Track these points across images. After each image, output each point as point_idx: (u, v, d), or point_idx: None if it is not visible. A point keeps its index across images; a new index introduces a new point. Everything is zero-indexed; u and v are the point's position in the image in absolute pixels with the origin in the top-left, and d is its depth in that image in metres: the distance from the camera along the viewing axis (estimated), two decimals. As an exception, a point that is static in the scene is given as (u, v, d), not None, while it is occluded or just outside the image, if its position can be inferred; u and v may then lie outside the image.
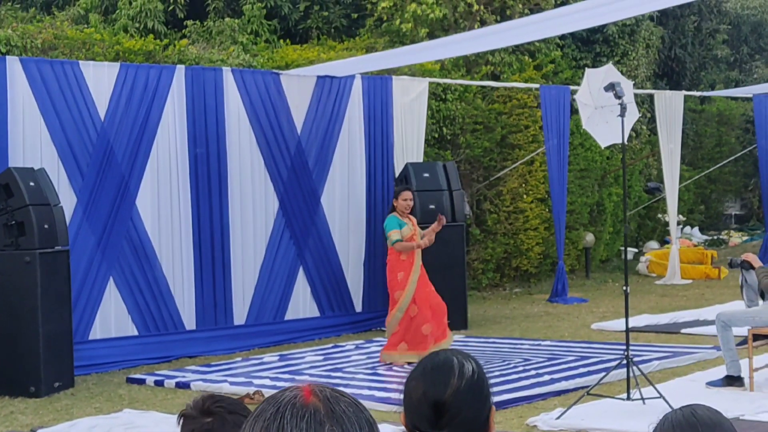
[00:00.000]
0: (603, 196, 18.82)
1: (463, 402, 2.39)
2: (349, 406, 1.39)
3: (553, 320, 13.70)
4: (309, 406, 1.37)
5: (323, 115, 12.95)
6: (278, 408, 1.38)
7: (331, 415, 1.37)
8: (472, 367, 2.43)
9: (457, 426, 2.37)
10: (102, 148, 11.07)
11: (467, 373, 2.40)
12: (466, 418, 2.39)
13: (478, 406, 2.41)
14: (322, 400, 1.39)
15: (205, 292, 11.84)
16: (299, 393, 1.39)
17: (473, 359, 2.49)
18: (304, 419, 1.35)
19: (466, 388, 2.39)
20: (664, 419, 2.47)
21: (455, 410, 2.38)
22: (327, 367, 10.53)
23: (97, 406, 9.01)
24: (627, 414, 7.71)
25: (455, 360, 2.44)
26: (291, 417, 1.36)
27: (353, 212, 13.23)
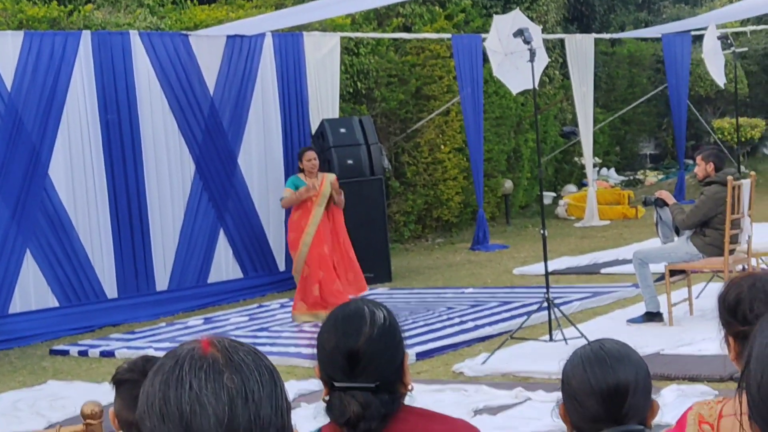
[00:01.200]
0: (519, 143, 18.95)
1: (376, 350, 2.40)
2: (247, 354, 1.40)
3: (476, 268, 13.82)
4: (207, 357, 1.37)
5: (235, 75, 12.84)
6: (177, 360, 1.38)
7: (230, 363, 1.37)
8: (383, 314, 2.44)
9: (372, 373, 2.38)
10: (10, 118, 10.86)
11: (378, 321, 2.41)
12: (380, 365, 2.40)
13: (391, 352, 2.42)
14: (221, 350, 1.39)
15: (125, 259, 11.73)
16: (197, 345, 1.40)
17: (384, 307, 2.50)
18: (202, 369, 1.36)
19: (378, 335, 2.40)
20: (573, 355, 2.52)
21: (369, 358, 2.39)
22: (252, 327, 10.53)
23: (20, 379, 8.92)
24: (550, 355, 7.77)
25: (366, 309, 2.45)
26: (190, 368, 1.36)
27: (271, 172, 13.17)
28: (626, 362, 2.45)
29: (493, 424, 6.39)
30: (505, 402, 6.89)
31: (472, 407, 6.78)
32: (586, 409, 2.41)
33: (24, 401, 7.92)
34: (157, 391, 1.36)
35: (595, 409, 2.40)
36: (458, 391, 7.23)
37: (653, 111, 23.80)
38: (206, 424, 1.31)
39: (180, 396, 1.33)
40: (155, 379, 1.37)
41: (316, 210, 10.41)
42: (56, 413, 7.47)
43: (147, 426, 1.35)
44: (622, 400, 2.39)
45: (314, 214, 10.40)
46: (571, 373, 2.48)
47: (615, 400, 2.39)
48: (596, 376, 2.41)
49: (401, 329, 2.49)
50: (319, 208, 10.41)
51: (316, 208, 10.41)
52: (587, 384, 2.41)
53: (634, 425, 2.38)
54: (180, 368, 1.36)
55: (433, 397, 7.03)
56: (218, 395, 1.33)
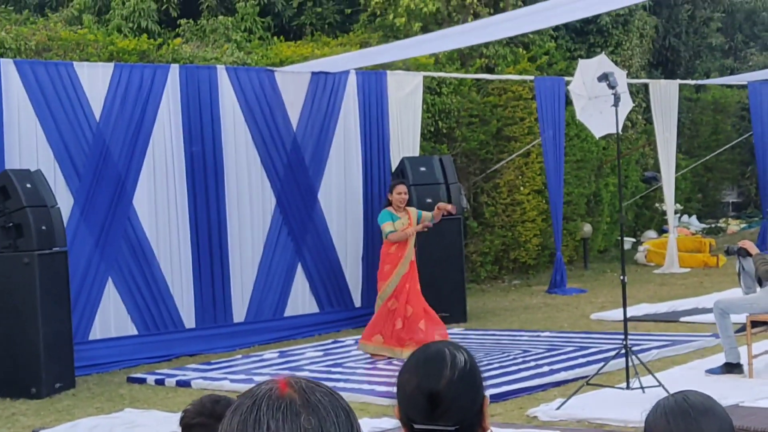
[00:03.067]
0: (600, 187, 18.83)
1: (457, 392, 2.40)
2: (324, 396, 1.41)
3: (552, 311, 13.73)
4: (285, 398, 1.39)
5: (318, 112, 12.96)
6: (255, 401, 1.39)
7: (307, 404, 1.38)
8: (464, 357, 2.44)
9: (452, 416, 2.39)
10: (98, 148, 11.08)
11: (459, 364, 2.42)
12: (461, 408, 2.40)
13: (471, 396, 2.42)
14: (298, 390, 1.40)
15: (203, 290, 11.86)
16: (275, 385, 1.41)
17: (465, 350, 2.50)
18: (280, 410, 1.37)
19: (459, 378, 2.40)
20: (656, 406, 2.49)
21: (449, 401, 2.40)
22: (327, 362, 10.55)
23: (98, 406, 9.03)
24: (626, 403, 7.72)
25: (447, 351, 2.46)
26: (267, 409, 1.38)
27: (350, 208, 13.25)
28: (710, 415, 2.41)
29: (566, 470, 6.32)
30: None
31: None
32: None
33: (100, 428, 8.02)
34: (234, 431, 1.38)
35: None
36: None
37: (737, 159, 23.53)
38: None
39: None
40: (233, 419, 1.39)
41: (411, 242, 10.50)
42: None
43: None
44: None
45: (409, 248, 10.49)
46: (653, 425, 2.45)
47: None
48: (679, 429, 2.38)
49: (481, 372, 2.49)
50: (412, 239, 10.51)
51: (412, 240, 10.50)
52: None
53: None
54: (258, 409, 1.38)
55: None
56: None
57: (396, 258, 10.51)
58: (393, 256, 10.55)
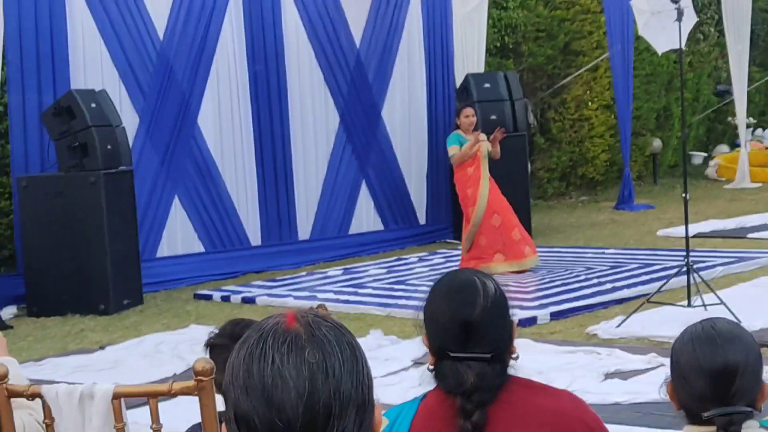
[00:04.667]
0: (670, 101, 18.54)
1: (490, 320, 2.41)
2: (330, 330, 1.42)
3: (619, 228, 13.64)
4: (290, 331, 1.41)
5: (382, 28, 12.87)
6: (261, 334, 1.41)
7: (312, 338, 1.40)
8: (494, 284, 2.45)
9: (486, 344, 2.39)
10: (162, 67, 11.14)
11: (491, 291, 2.42)
12: (494, 335, 2.41)
13: (502, 323, 2.43)
14: (304, 325, 1.42)
15: (269, 208, 11.97)
16: (282, 319, 1.43)
17: (491, 277, 2.50)
18: (285, 343, 1.39)
19: (492, 305, 2.41)
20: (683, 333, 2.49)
21: (483, 329, 2.40)
22: (390, 279, 10.61)
23: (164, 322, 9.20)
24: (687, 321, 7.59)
25: (477, 279, 2.46)
26: (273, 342, 1.39)
27: (414, 125, 13.21)
28: (737, 343, 2.40)
29: (623, 388, 6.31)
30: (637, 367, 6.79)
31: (603, 371, 6.71)
32: (693, 388, 2.38)
33: (166, 344, 8.17)
34: (241, 363, 1.40)
35: (703, 388, 2.36)
36: (590, 354, 7.16)
37: (813, 70, 22.94)
38: (287, 397, 1.35)
39: (263, 369, 1.37)
40: (240, 351, 1.41)
41: (484, 164, 10.44)
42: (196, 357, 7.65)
43: (231, 397, 1.40)
44: (730, 380, 2.35)
45: (485, 167, 10.44)
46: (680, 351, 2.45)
47: (723, 381, 2.35)
48: (705, 356, 2.38)
49: (508, 300, 2.49)
50: (485, 160, 10.45)
51: (483, 161, 10.44)
52: (696, 363, 2.38)
53: (741, 407, 2.34)
54: (264, 342, 1.40)
55: (565, 359, 7.00)
56: (299, 370, 1.36)
57: (476, 179, 10.43)
58: (473, 178, 10.46)
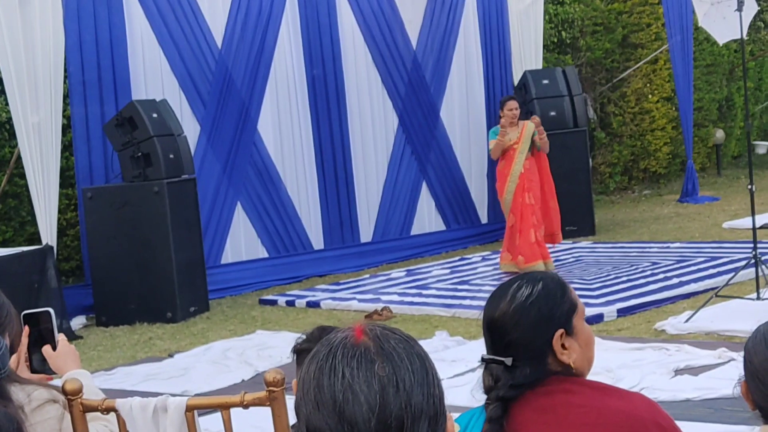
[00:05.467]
0: (732, 91, 18.31)
1: (511, 325, 2.40)
2: (399, 343, 1.42)
3: (684, 221, 13.49)
4: (360, 345, 1.41)
5: (438, 28, 12.87)
6: (330, 348, 1.42)
7: (382, 352, 1.40)
8: (531, 290, 2.41)
9: (511, 349, 2.39)
10: (221, 75, 11.22)
11: (520, 297, 2.40)
12: (519, 340, 2.39)
13: (531, 328, 2.40)
14: (373, 338, 1.42)
15: (330, 211, 12.01)
16: (351, 333, 1.43)
17: (545, 282, 2.45)
18: (354, 357, 1.39)
19: (515, 311, 2.39)
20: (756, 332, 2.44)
21: (501, 332, 2.41)
22: (453, 280, 10.59)
23: (231, 328, 9.26)
24: (756, 314, 7.52)
25: (516, 283, 2.45)
26: (342, 356, 1.40)
27: (473, 124, 13.18)
28: None
29: (694, 384, 6.24)
30: (707, 362, 6.72)
31: (672, 367, 6.64)
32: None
33: (233, 350, 8.22)
34: (311, 378, 1.40)
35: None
36: (659, 350, 7.09)
37: None
38: (359, 411, 1.35)
39: (333, 384, 1.37)
40: (310, 367, 1.42)
41: (518, 158, 10.38)
42: (263, 362, 7.73)
43: (303, 412, 1.40)
44: None
45: (516, 161, 10.39)
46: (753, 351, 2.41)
47: None
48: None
49: (560, 305, 2.45)
50: (520, 155, 10.38)
51: (518, 155, 10.39)
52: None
53: (821, 410, 2.30)
54: (333, 357, 1.40)
55: (633, 356, 6.94)
56: (370, 384, 1.36)
57: (503, 175, 10.45)
58: (501, 174, 10.51)
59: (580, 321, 2.47)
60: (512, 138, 10.36)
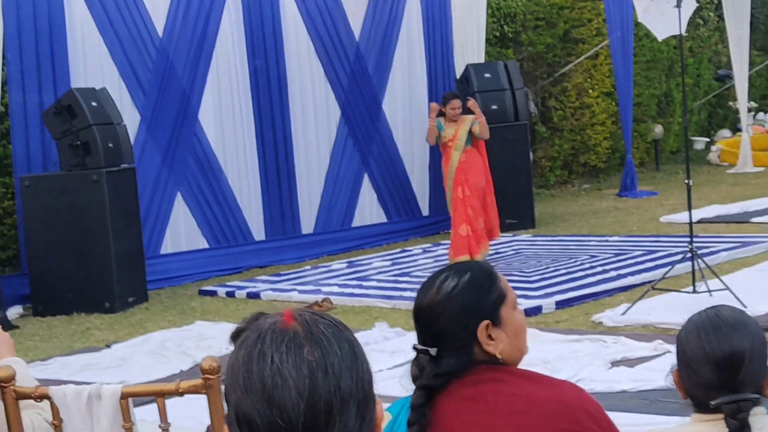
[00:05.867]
0: (671, 87, 18.53)
1: (436, 315, 2.42)
2: (328, 328, 1.42)
3: (622, 215, 13.64)
4: (289, 330, 1.41)
5: (381, 20, 12.87)
6: (259, 334, 1.42)
7: (310, 337, 1.40)
8: (456, 282, 2.42)
9: (437, 339, 2.41)
10: (162, 64, 11.14)
11: (446, 289, 2.42)
12: (442, 331, 2.41)
13: (454, 320, 2.41)
14: (301, 323, 1.42)
15: (271, 202, 11.98)
16: (279, 319, 1.43)
17: (474, 274, 2.45)
18: (284, 343, 1.39)
19: (439, 301, 2.41)
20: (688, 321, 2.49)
21: (428, 322, 2.43)
22: (394, 271, 10.62)
23: (170, 319, 9.21)
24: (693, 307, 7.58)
25: (444, 274, 2.47)
26: (271, 342, 1.40)
27: (415, 117, 13.21)
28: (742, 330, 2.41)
29: (629, 376, 6.32)
30: (643, 354, 6.80)
31: (609, 358, 6.71)
32: (700, 376, 2.38)
33: (172, 341, 8.18)
34: (240, 364, 1.40)
35: (710, 377, 2.37)
36: (596, 342, 7.16)
37: (814, 53, 22.90)
38: (287, 396, 1.35)
39: (262, 369, 1.37)
40: (239, 352, 1.42)
41: (454, 155, 10.45)
42: (202, 353, 7.68)
43: (232, 398, 1.40)
44: (737, 368, 2.35)
45: (452, 158, 10.45)
46: (686, 340, 2.45)
47: (730, 369, 2.35)
48: (711, 344, 2.38)
49: (486, 296, 2.46)
50: (456, 152, 10.44)
51: (454, 153, 10.45)
52: (702, 351, 2.38)
53: (748, 394, 2.34)
54: (262, 342, 1.40)
55: (571, 347, 7.01)
56: (299, 368, 1.36)
57: (444, 172, 10.56)
58: (443, 170, 10.63)
59: (509, 311, 2.47)
60: (448, 135, 10.43)
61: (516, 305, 2.52)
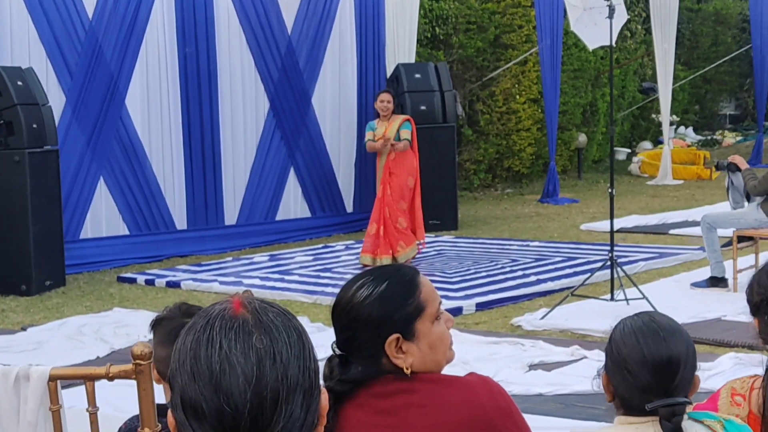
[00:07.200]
0: (596, 97, 18.76)
1: (346, 322, 2.39)
2: (277, 316, 1.43)
3: (543, 221, 13.78)
4: (238, 317, 1.41)
5: (314, 15, 12.84)
6: (208, 320, 1.41)
7: (259, 324, 1.40)
8: (371, 291, 2.37)
9: (348, 344, 2.39)
10: (90, 47, 11.00)
11: (359, 297, 2.37)
12: (351, 338, 2.38)
13: (362, 330, 2.37)
14: (251, 311, 1.42)
15: (195, 191, 11.89)
16: (229, 305, 1.43)
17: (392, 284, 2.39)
18: (232, 329, 1.39)
19: (350, 309, 2.37)
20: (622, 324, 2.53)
21: (339, 325, 2.40)
22: (316, 267, 10.62)
23: (87, 304, 9.11)
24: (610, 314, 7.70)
25: (362, 281, 2.41)
26: (220, 328, 1.40)
27: (344, 113, 13.21)
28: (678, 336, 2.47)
29: (546, 380, 6.40)
30: (560, 359, 6.89)
31: (527, 362, 6.79)
32: (637, 379, 2.43)
33: (89, 326, 8.09)
34: (188, 349, 1.40)
35: (647, 379, 2.41)
36: (515, 345, 7.24)
37: (736, 71, 23.39)
38: (235, 383, 1.35)
39: (210, 355, 1.37)
40: (187, 338, 1.41)
41: (383, 156, 10.48)
42: (119, 340, 7.63)
43: (178, 383, 1.40)
44: (674, 372, 2.41)
45: (381, 162, 10.50)
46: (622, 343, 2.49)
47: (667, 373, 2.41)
48: (649, 348, 2.43)
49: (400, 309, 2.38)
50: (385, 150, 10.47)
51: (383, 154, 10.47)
52: (640, 354, 2.43)
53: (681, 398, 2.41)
54: (211, 328, 1.40)
55: (489, 349, 7.07)
56: (247, 355, 1.37)
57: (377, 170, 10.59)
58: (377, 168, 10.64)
59: (425, 324, 2.40)
60: (379, 133, 10.47)
61: (438, 317, 2.44)
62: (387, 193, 10.42)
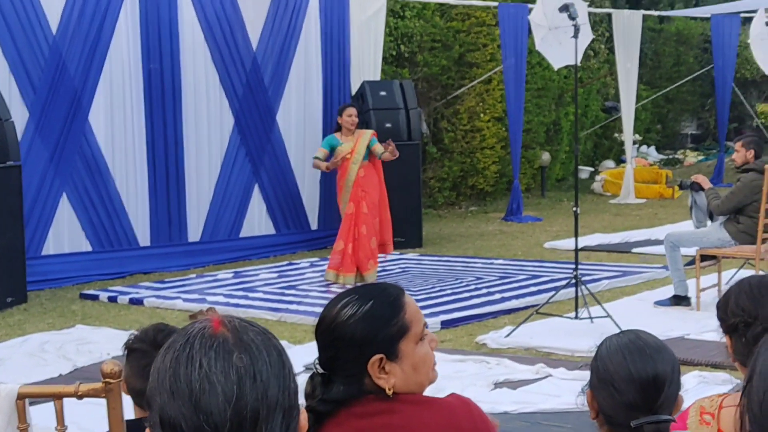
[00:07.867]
0: (560, 116, 18.87)
1: (330, 341, 2.37)
2: (257, 335, 1.42)
3: (508, 239, 13.82)
4: (218, 336, 1.40)
5: (279, 32, 12.83)
6: (188, 339, 1.40)
7: (240, 343, 1.40)
8: (355, 311, 2.35)
9: (331, 363, 2.37)
10: (54, 62, 10.92)
11: (342, 316, 2.35)
12: (334, 357, 2.36)
13: (345, 349, 2.35)
14: (231, 329, 1.41)
15: (159, 208, 11.83)
16: (208, 324, 1.42)
17: (376, 304, 2.38)
18: (212, 348, 1.38)
19: (334, 328, 2.36)
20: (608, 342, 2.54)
21: (323, 344, 2.38)
22: (281, 284, 10.58)
23: (49, 321, 9.03)
24: (574, 332, 7.83)
25: (347, 299, 2.39)
26: (200, 347, 1.39)
27: (309, 130, 13.19)
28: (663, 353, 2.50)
29: (511, 398, 6.40)
30: (525, 377, 6.90)
31: (492, 380, 6.80)
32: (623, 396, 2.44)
33: (51, 343, 8.01)
34: (167, 368, 1.39)
35: (633, 397, 2.43)
36: (480, 363, 7.24)
37: (697, 91, 23.61)
38: (215, 402, 1.34)
39: (190, 374, 1.36)
40: (166, 356, 1.40)
41: (351, 168, 10.39)
42: (82, 357, 7.57)
43: (157, 402, 1.38)
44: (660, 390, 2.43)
45: (350, 171, 10.40)
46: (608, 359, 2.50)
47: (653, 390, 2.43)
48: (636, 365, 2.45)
49: (384, 329, 2.36)
50: (354, 166, 10.40)
51: (352, 166, 10.40)
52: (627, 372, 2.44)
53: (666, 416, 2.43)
54: (191, 346, 1.39)
55: (455, 367, 7.06)
56: (227, 374, 1.36)
57: (340, 186, 10.53)
58: (338, 184, 10.58)
59: (409, 345, 2.38)
60: (346, 149, 10.39)
61: (422, 338, 2.43)
62: (363, 211, 10.37)
